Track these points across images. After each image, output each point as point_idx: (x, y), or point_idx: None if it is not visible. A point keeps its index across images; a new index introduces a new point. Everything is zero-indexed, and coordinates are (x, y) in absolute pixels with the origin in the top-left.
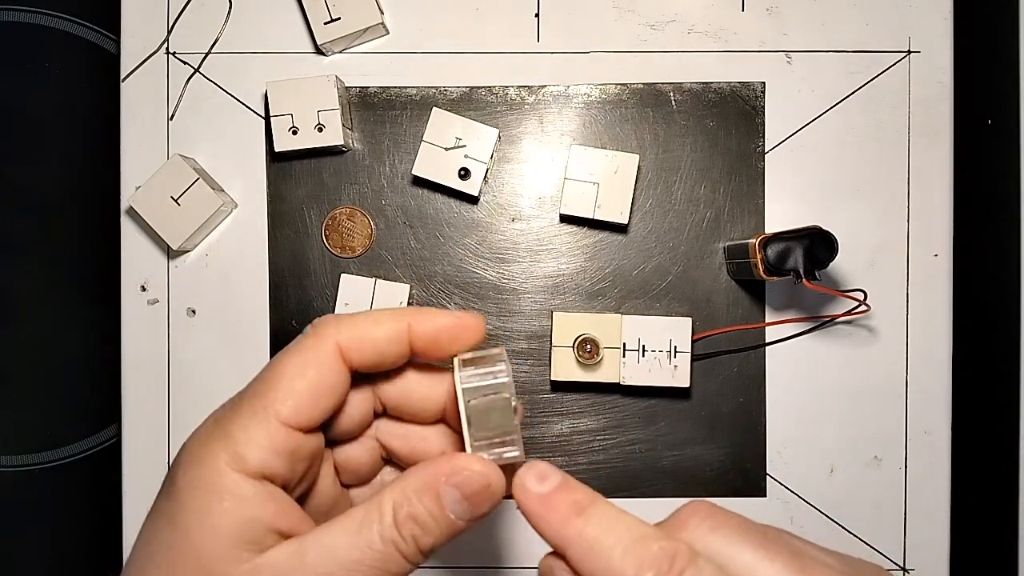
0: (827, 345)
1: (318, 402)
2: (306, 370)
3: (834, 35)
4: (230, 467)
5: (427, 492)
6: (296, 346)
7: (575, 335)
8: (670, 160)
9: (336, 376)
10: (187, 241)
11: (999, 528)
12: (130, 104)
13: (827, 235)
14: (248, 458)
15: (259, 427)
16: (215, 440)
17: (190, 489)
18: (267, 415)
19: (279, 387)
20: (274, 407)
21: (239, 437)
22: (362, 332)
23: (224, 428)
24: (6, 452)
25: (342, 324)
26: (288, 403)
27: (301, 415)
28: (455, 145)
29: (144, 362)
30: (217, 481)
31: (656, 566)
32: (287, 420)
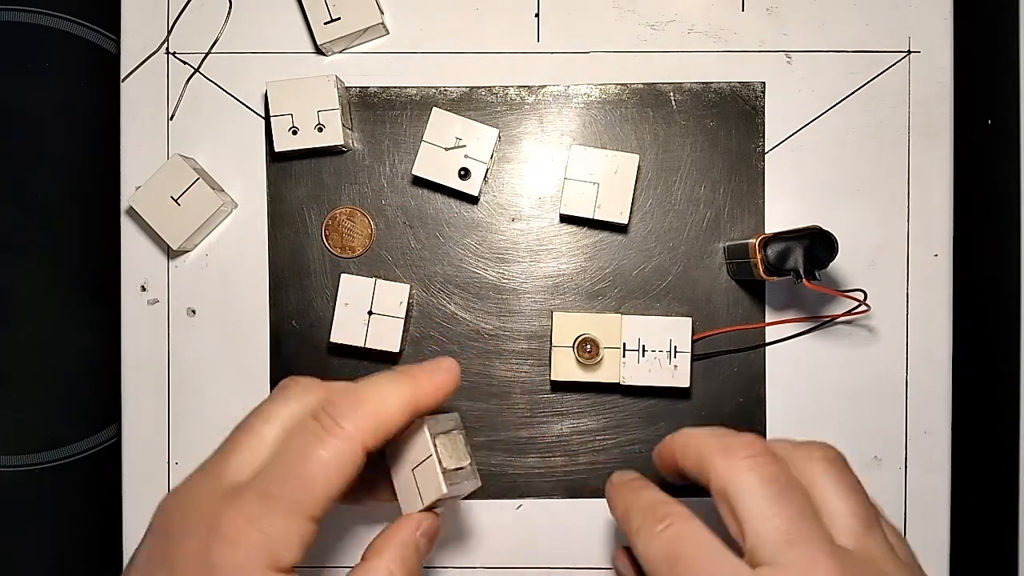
0: (827, 345)
1: (341, 494)
2: (339, 476)
3: (834, 35)
4: (271, 569)
5: (411, 545)
6: (323, 443)
7: (575, 335)
8: (670, 160)
9: (358, 468)
10: (187, 241)
11: (999, 528)
12: (130, 104)
13: (827, 235)
14: (286, 560)
15: (295, 531)
16: (255, 544)
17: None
18: (302, 518)
19: (315, 494)
20: (310, 512)
21: (279, 543)
22: (380, 425)
23: (262, 531)
24: (6, 452)
25: (360, 419)
26: (323, 507)
27: (326, 510)
28: (455, 145)
29: (144, 362)
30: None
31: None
32: (316, 518)
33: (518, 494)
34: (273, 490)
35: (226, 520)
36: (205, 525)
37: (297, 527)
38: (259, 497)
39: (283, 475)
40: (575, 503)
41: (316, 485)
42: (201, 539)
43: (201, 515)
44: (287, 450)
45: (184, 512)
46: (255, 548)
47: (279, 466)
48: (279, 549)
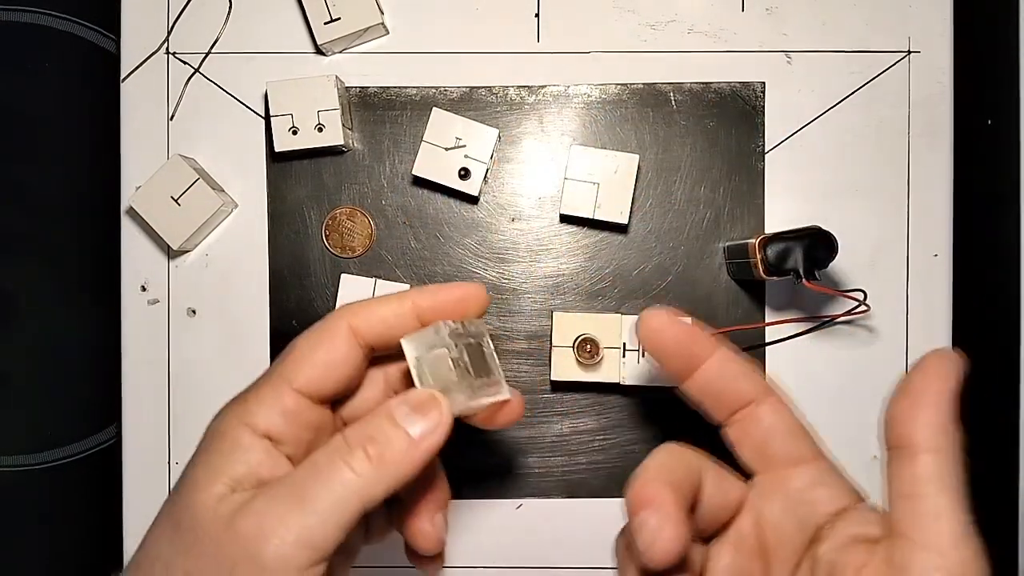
0: (827, 345)
1: (329, 373)
2: (319, 344)
3: (834, 35)
4: (239, 421)
5: (381, 416)
6: (312, 327)
7: (575, 335)
8: (670, 160)
9: (347, 350)
10: (187, 241)
11: (999, 528)
12: (130, 104)
13: (827, 235)
14: (256, 416)
15: (270, 392)
16: (233, 405)
17: (203, 440)
18: (280, 382)
19: (292, 358)
20: (286, 375)
21: (251, 400)
22: (370, 310)
23: (242, 396)
24: (6, 452)
25: (353, 306)
26: (301, 372)
27: (312, 383)
28: (455, 145)
29: (144, 362)
30: (225, 431)
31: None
32: (300, 388)
33: (518, 494)
34: (265, 372)
35: (222, 412)
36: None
37: (273, 392)
38: (253, 382)
39: (275, 361)
40: (575, 503)
41: (294, 352)
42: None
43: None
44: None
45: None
46: (233, 406)
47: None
48: (251, 407)
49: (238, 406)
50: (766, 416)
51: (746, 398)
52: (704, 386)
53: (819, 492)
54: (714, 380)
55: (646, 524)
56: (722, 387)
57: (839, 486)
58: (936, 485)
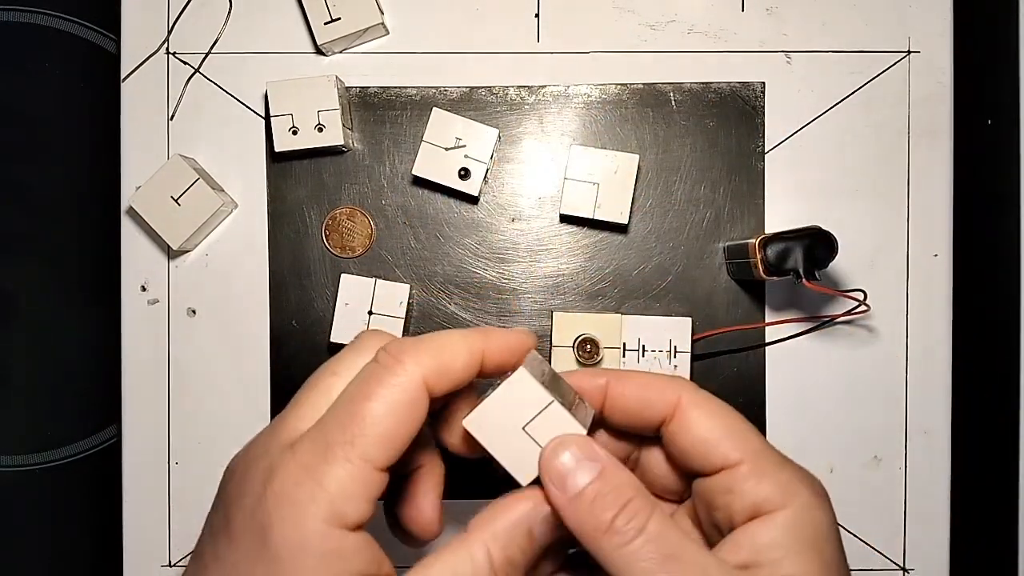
0: (827, 345)
1: (406, 440)
2: (397, 412)
3: (834, 35)
4: (331, 525)
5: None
6: (381, 381)
7: (575, 335)
8: (670, 160)
9: (422, 411)
10: (187, 241)
11: (999, 528)
12: (130, 104)
13: (827, 235)
14: (348, 514)
15: (355, 479)
16: (312, 500)
17: (293, 555)
18: (363, 464)
19: (372, 433)
20: (369, 455)
21: (337, 492)
22: (443, 364)
23: (318, 481)
24: (6, 452)
25: (422, 355)
26: (382, 449)
27: (391, 457)
28: (455, 145)
29: (144, 362)
30: (322, 545)
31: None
32: (379, 465)
33: None
34: (329, 436)
35: (282, 473)
36: (260, 480)
37: (358, 475)
38: (314, 444)
39: (339, 418)
40: None
41: (374, 425)
42: (256, 497)
43: (258, 471)
44: (345, 395)
45: (243, 471)
46: (310, 501)
47: (335, 410)
48: (339, 502)
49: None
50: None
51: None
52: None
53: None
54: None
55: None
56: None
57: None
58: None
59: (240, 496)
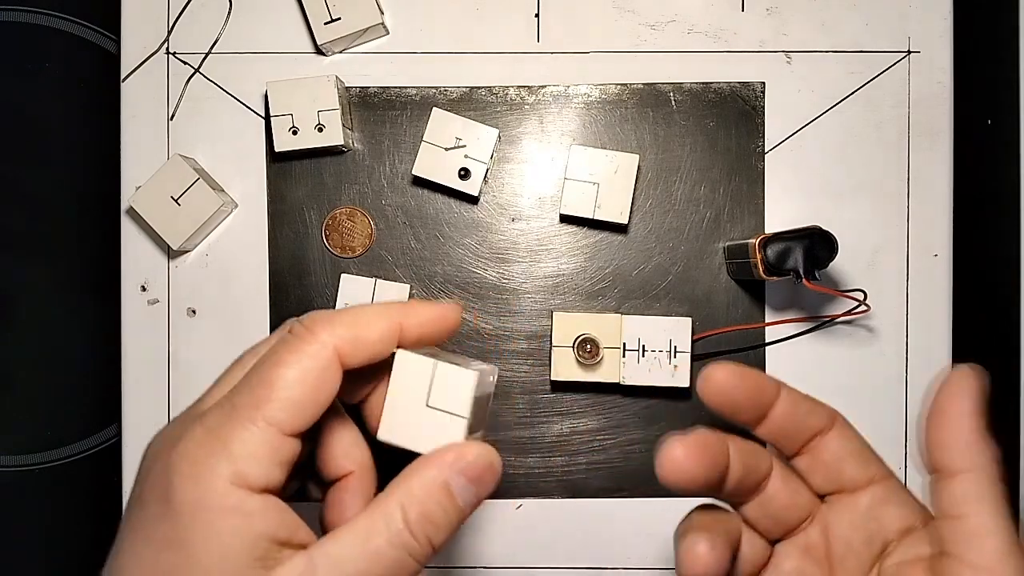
0: (827, 345)
1: (316, 408)
2: (305, 377)
3: (834, 35)
4: (234, 484)
5: (437, 487)
6: (291, 348)
7: (575, 335)
8: (670, 160)
9: (333, 380)
10: (187, 241)
11: None
12: (130, 104)
13: (827, 235)
14: (251, 474)
15: (260, 440)
16: (213, 457)
17: (193, 511)
18: (267, 427)
19: (278, 396)
20: (275, 418)
21: (240, 453)
22: (357, 334)
23: (222, 442)
24: (6, 452)
25: (336, 325)
26: (289, 413)
27: (299, 423)
28: (455, 145)
29: (144, 362)
30: (222, 501)
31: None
32: (287, 430)
33: (518, 494)
34: (237, 400)
35: (188, 437)
36: (167, 448)
37: (263, 437)
38: (222, 410)
39: (248, 385)
40: (575, 503)
41: (282, 389)
42: (164, 462)
43: (167, 440)
44: (256, 364)
45: (157, 445)
46: (212, 458)
47: (247, 378)
48: (241, 460)
49: (220, 461)
50: (833, 442)
51: (815, 431)
52: (776, 430)
53: (888, 510)
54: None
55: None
56: (794, 427)
57: (907, 504)
58: (976, 504)
59: (151, 466)
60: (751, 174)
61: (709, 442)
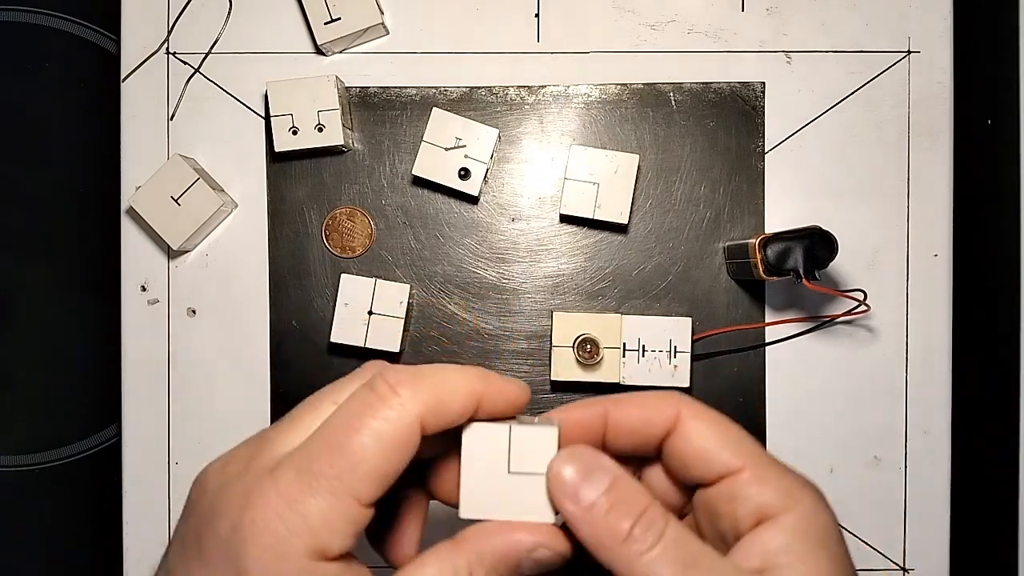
0: (827, 345)
1: (394, 477)
2: (388, 448)
3: (834, 35)
4: (313, 558)
5: (507, 562)
6: (374, 411)
7: (575, 335)
8: (670, 160)
9: (413, 448)
10: (187, 241)
11: (999, 528)
12: (130, 104)
13: (827, 235)
14: (332, 547)
15: (340, 515)
16: (295, 535)
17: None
18: (348, 499)
19: (360, 468)
20: (357, 492)
21: (320, 527)
22: (441, 403)
23: (302, 516)
24: (6, 452)
25: (421, 390)
26: (369, 485)
27: (378, 493)
28: (455, 145)
29: (144, 362)
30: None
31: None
32: (365, 502)
33: None
34: (315, 466)
35: (261, 501)
36: (237, 506)
37: (343, 510)
38: (298, 473)
39: (327, 448)
40: None
41: (364, 460)
42: (232, 522)
43: (234, 493)
44: (333, 419)
45: (217, 488)
46: (293, 535)
47: (323, 438)
48: (322, 536)
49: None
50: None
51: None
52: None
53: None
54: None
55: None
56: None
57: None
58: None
59: (214, 517)
60: (751, 174)
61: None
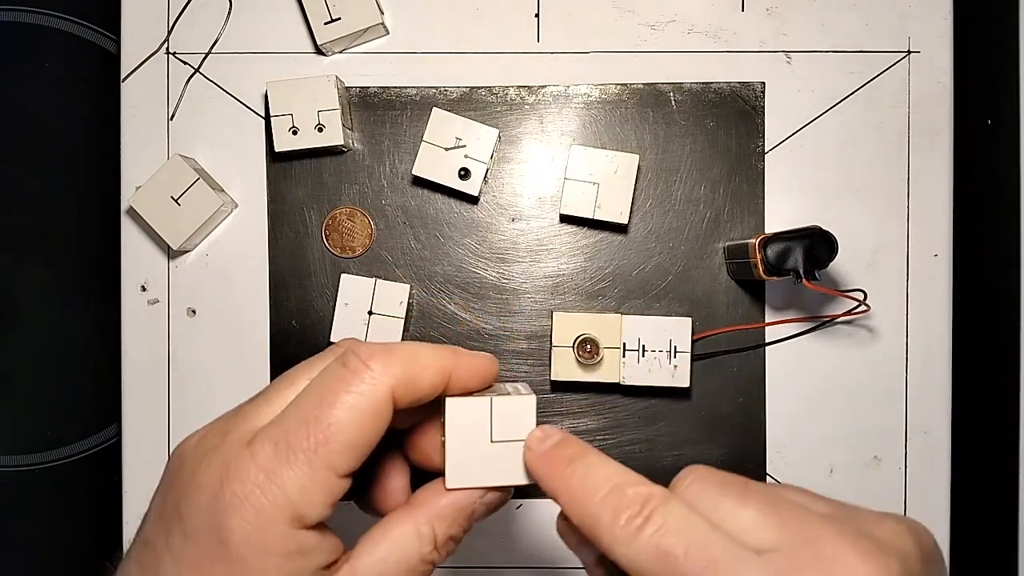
0: (827, 345)
1: (369, 448)
2: (362, 420)
3: (834, 35)
4: (293, 527)
5: (464, 514)
6: (347, 384)
7: (575, 335)
8: (670, 160)
9: (386, 420)
10: (187, 241)
11: (999, 528)
12: (130, 104)
13: (827, 235)
14: (309, 516)
15: (319, 486)
16: (275, 506)
17: (256, 556)
18: (325, 471)
19: (335, 440)
20: (333, 463)
21: (299, 498)
22: (412, 376)
23: (281, 488)
24: (6, 452)
25: (393, 363)
26: (345, 457)
27: (353, 464)
28: (455, 145)
29: (144, 362)
30: (284, 546)
31: (629, 508)
32: (342, 472)
33: (518, 494)
34: (292, 439)
35: (240, 473)
36: (217, 478)
37: (320, 481)
38: (275, 446)
39: (303, 421)
40: None
41: (339, 432)
42: (212, 494)
43: (212, 465)
44: (308, 393)
45: (195, 461)
46: (273, 506)
47: (298, 411)
48: (301, 506)
49: (280, 507)
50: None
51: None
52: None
53: None
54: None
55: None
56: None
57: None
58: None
59: (193, 489)
60: (751, 174)
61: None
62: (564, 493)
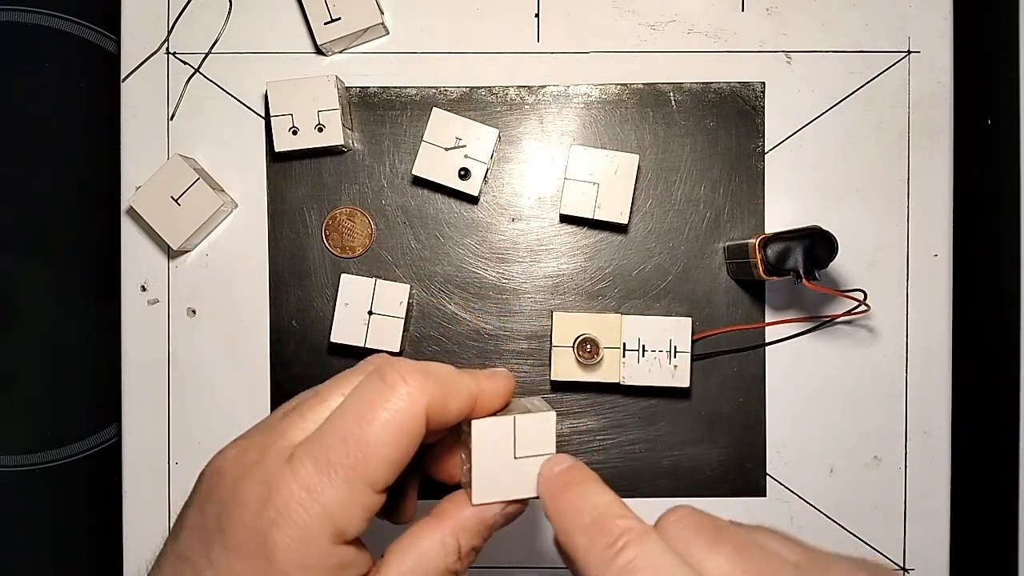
0: (827, 345)
1: (403, 464)
2: (400, 440)
3: (834, 35)
4: (334, 542)
5: (486, 525)
6: (384, 400)
7: (575, 335)
8: (670, 160)
9: (419, 438)
10: (187, 241)
11: (999, 528)
12: (130, 104)
13: (827, 235)
14: (350, 531)
15: (357, 501)
16: (319, 523)
17: (299, 570)
18: (364, 487)
19: (375, 458)
20: (371, 479)
21: (340, 515)
22: (445, 400)
23: (324, 506)
24: (6, 452)
25: (429, 384)
26: (383, 474)
27: (390, 480)
28: (455, 145)
29: (144, 362)
30: (327, 561)
31: (605, 537)
32: (379, 488)
33: None
34: (332, 456)
35: (283, 490)
36: (259, 495)
37: (359, 497)
38: (316, 463)
39: (342, 438)
40: None
41: (377, 450)
42: (255, 511)
43: (253, 481)
44: (346, 409)
45: (236, 476)
46: (315, 523)
47: (337, 428)
48: (341, 522)
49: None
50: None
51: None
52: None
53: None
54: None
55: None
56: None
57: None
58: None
59: (236, 505)
60: (751, 174)
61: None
62: (555, 516)
